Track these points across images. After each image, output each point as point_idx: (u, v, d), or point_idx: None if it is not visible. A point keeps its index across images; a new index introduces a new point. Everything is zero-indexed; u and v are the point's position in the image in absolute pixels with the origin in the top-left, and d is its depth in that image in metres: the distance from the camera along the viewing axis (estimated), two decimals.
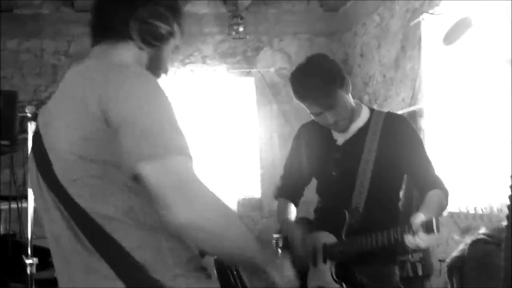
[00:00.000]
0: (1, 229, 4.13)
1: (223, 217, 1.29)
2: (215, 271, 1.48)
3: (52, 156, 1.34)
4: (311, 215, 2.47)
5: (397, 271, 2.30)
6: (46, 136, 1.37)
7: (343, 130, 2.28)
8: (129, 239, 1.30)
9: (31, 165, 1.44)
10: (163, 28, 1.46)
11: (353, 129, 2.29)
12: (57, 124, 1.34)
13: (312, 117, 2.28)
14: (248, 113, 5.63)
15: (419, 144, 2.28)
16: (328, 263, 2.19)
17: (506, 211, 1.71)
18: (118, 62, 1.41)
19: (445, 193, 2.16)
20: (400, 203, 2.41)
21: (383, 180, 2.24)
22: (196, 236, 1.27)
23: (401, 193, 2.46)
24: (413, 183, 2.34)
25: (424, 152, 2.25)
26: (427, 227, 1.86)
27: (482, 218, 1.81)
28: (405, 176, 2.36)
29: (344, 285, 2.14)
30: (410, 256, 4.58)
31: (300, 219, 2.40)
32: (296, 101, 2.25)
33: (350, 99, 2.25)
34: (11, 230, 3.25)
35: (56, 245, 1.39)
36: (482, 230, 3.10)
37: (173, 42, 1.53)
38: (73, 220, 1.32)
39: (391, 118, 2.29)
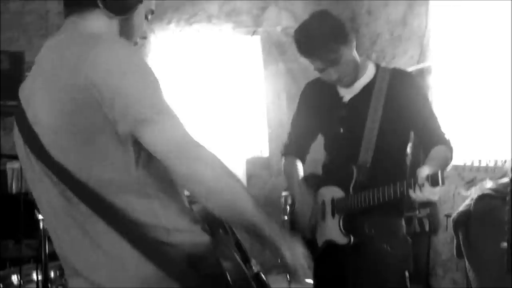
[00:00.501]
0: (14, 188, 4.20)
1: (222, 175, 1.33)
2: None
3: (38, 129, 1.35)
4: (319, 172, 2.51)
5: (403, 223, 2.33)
6: (29, 111, 1.38)
7: (348, 85, 2.29)
8: (123, 200, 1.33)
9: (17, 139, 1.45)
10: None
11: (359, 85, 2.30)
12: (38, 99, 1.35)
13: (317, 73, 2.29)
14: (255, 72, 5.61)
15: (425, 100, 2.28)
16: (336, 217, 2.23)
17: (510, 164, 1.74)
18: (90, 32, 1.41)
19: (450, 149, 2.18)
20: (407, 159, 2.44)
21: (390, 136, 2.25)
22: (198, 191, 1.33)
23: (409, 149, 2.47)
24: (419, 139, 2.36)
25: (430, 109, 2.26)
26: (433, 180, 1.88)
27: (486, 171, 1.82)
28: (412, 132, 2.37)
29: (352, 238, 2.18)
30: (417, 212, 4.62)
31: (308, 175, 2.43)
32: (303, 60, 2.26)
33: (355, 55, 2.24)
34: (23, 188, 3.30)
35: (53, 214, 1.41)
36: (488, 185, 3.12)
37: (143, 8, 1.51)
38: (66, 186, 1.34)
39: (397, 74, 2.29)
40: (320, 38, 2.14)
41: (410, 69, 4.62)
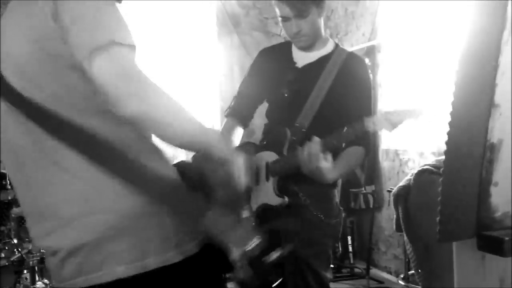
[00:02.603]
0: None
1: (171, 105, 1.31)
2: None
3: (4, 67, 1.33)
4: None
5: (336, 193, 2.37)
6: None
7: (304, 48, 2.32)
8: (98, 129, 1.31)
9: None
10: None
11: (316, 55, 2.35)
12: (9, 34, 1.34)
13: (280, 24, 2.29)
14: (208, 43, 5.54)
15: (367, 93, 2.32)
16: (271, 179, 2.25)
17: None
18: None
19: (365, 149, 2.28)
20: None
21: (331, 109, 2.28)
22: (148, 125, 1.30)
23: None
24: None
25: (369, 104, 2.30)
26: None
27: (411, 113, 2.01)
28: None
29: (286, 198, 2.20)
30: (363, 188, 4.70)
31: (243, 143, 2.43)
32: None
33: (321, 24, 2.30)
34: None
35: (19, 157, 1.37)
36: (429, 161, 3.18)
37: None
38: (32, 120, 1.31)
39: (352, 58, 2.36)
40: None
41: (362, 45, 4.66)
